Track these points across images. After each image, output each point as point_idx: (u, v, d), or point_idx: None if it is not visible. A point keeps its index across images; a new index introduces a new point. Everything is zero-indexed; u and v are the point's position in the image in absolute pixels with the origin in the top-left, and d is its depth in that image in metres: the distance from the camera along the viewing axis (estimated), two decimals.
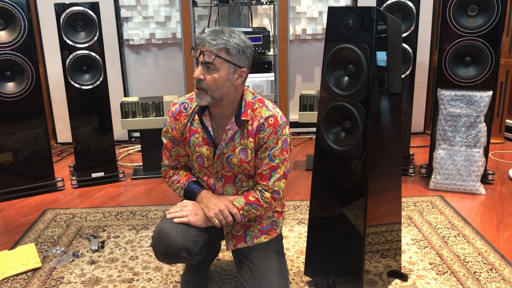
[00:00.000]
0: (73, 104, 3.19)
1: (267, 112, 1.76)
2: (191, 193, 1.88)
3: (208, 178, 1.88)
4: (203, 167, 1.86)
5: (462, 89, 2.94)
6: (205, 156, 1.83)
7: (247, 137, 1.77)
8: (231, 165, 1.81)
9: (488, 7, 2.85)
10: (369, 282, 1.91)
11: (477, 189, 2.98)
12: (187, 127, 1.84)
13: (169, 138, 1.89)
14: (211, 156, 1.82)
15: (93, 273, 2.22)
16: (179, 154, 1.92)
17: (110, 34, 3.96)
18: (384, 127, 1.85)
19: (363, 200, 1.79)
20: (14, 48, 2.91)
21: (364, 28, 1.70)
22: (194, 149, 1.84)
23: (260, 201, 1.79)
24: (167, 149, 1.93)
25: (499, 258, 2.24)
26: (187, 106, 1.84)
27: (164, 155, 1.96)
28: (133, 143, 4.28)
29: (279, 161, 1.77)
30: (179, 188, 1.91)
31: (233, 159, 1.80)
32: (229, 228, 1.89)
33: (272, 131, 1.75)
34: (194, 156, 1.86)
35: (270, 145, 1.75)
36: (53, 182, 3.21)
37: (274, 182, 1.79)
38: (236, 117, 1.77)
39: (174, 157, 1.93)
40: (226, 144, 1.78)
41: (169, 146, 1.91)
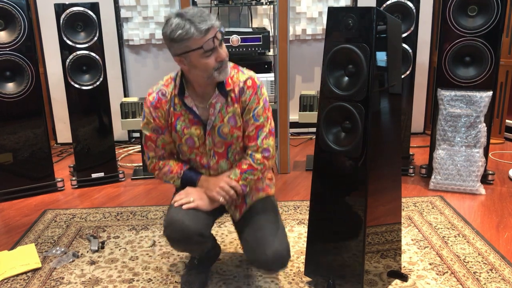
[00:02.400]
0: (73, 104, 3.19)
1: (243, 76, 1.83)
2: (190, 180, 1.91)
3: (200, 158, 1.90)
4: (194, 148, 1.88)
5: (462, 89, 2.94)
6: (195, 136, 1.85)
7: (232, 104, 1.82)
8: (223, 135, 1.84)
9: (488, 7, 2.85)
10: (369, 282, 1.91)
11: (477, 189, 2.98)
12: (171, 112, 1.84)
13: (152, 129, 1.88)
14: (202, 134, 1.85)
15: (93, 274, 2.22)
16: (165, 142, 1.91)
17: (110, 35, 3.96)
18: (384, 127, 1.85)
19: (363, 200, 1.79)
20: (14, 49, 2.92)
21: (364, 28, 1.70)
22: (182, 133, 1.85)
23: (253, 165, 1.85)
24: (151, 141, 1.91)
25: (499, 258, 2.24)
26: (164, 92, 1.85)
27: (148, 148, 1.93)
28: (133, 143, 4.28)
29: (263, 119, 1.84)
30: (174, 178, 1.92)
31: (223, 129, 1.84)
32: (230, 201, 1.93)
33: (252, 92, 1.82)
34: (183, 140, 1.86)
35: (253, 106, 1.83)
36: (53, 182, 3.21)
37: (262, 141, 1.85)
38: (220, 88, 1.80)
39: (160, 146, 1.91)
40: (215, 118, 1.82)
41: (154, 137, 1.89)
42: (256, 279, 2.13)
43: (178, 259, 2.32)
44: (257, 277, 2.15)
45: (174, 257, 2.34)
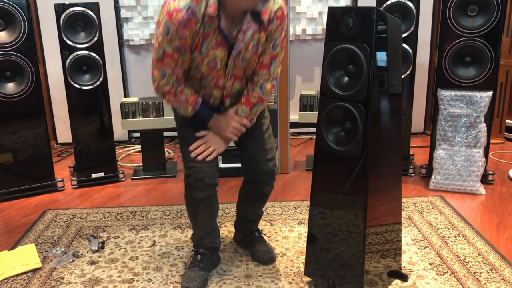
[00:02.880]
0: (73, 104, 3.19)
1: (275, 5, 1.81)
2: (203, 118, 1.95)
3: (217, 79, 1.89)
4: (214, 70, 1.85)
5: (462, 89, 2.94)
6: (219, 59, 1.82)
7: (259, 32, 1.82)
8: (245, 60, 1.86)
9: (488, 7, 2.85)
10: (369, 282, 1.91)
11: (477, 189, 2.98)
12: (200, 33, 1.75)
13: (175, 47, 1.76)
14: (225, 57, 1.83)
15: (93, 274, 2.22)
16: (184, 60, 1.83)
17: (110, 35, 3.96)
18: (384, 127, 1.85)
19: (363, 200, 1.79)
20: (14, 49, 2.92)
21: (364, 28, 1.70)
22: (206, 54, 1.80)
23: (263, 97, 1.94)
24: (171, 59, 1.79)
25: (499, 258, 2.24)
26: (195, 10, 1.70)
27: (165, 65, 1.80)
28: (133, 143, 4.28)
29: (279, 49, 1.87)
30: (188, 109, 1.91)
31: (246, 55, 1.85)
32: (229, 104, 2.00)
33: (280, 22, 1.83)
34: (205, 61, 1.82)
35: (276, 36, 1.84)
36: (53, 182, 3.21)
37: (274, 69, 1.91)
38: (255, 16, 1.78)
39: (180, 64, 1.82)
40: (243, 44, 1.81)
41: (176, 56, 1.79)
42: (256, 279, 2.13)
43: (178, 259, 2.32)
44: (257, 277, 2.15)
45: (174, 257, 2.34)
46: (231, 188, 3.19)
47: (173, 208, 2.91)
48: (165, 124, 3.36)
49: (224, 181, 3.31)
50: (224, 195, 3.07)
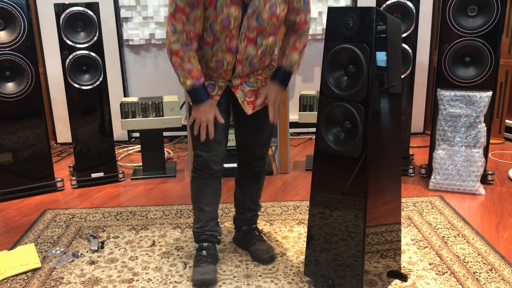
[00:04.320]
0: (73, 104, 3.19)
1: None
2: (199, 96, 1.95)
3: (230, 40, 1.88)
4: (227, 29, 1.85)
5: (461, 89, 2.94)
6: (232, 17, 1.82)
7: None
8: (260, 21, 1.85)
9: (488, 8, 2.86)
10: (369, 283, 1.91)
11: (476, 190, 2.99)
12: None
13: (187, 1, 1.76)
14: (239, 16, 1.82)
15: (92, 274, 2.22)
16: (197, 17, 1.82)
17: (110, 34, 3.97)
18: (384, 127, 1.85)
19: (363, 201, 1.79)
20: (14, 48, 2.92)
21: (364, 28, 1.70)
22: (221, 11, 1.80)
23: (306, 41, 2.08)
24: (183, 13, 1.79)
25: (499, 259, 2.24)
26: None
27: (177, 20, 1.81)
28: (133, 143, 4.29)
29: (308, 4, 1.98)
30: (189, 81, 1.92)
31: (263, 15, 1.84)
32: (241, 95, 2.04)
33: None
34: (219, 19, 1.82)
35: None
36: (53, 182, 3.21)
37: (309, 22, 2.03)
38: None
39: (192, 21, 1.82)
40: (258, 2, 1.81)
41: (188, 10, 1.78)
42: (256, 279, 2.13)
43: (177, 259, 2.32)
44: (257, 277, 2.15)
45: (174, 257, 2.34)
46: (231, 188, 3.19)
47: (173, 208, 2.91)
48: (165, 124, 3.36)
49: (224, 181, 3.31)
50: (224, 195, 3.07)
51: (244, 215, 2.37)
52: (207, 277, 2.06)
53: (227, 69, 1.98)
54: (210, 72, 2.02)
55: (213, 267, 2.13)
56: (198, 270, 2.10)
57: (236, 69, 1.98)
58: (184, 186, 3.27)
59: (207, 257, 2.16)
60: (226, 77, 2.02)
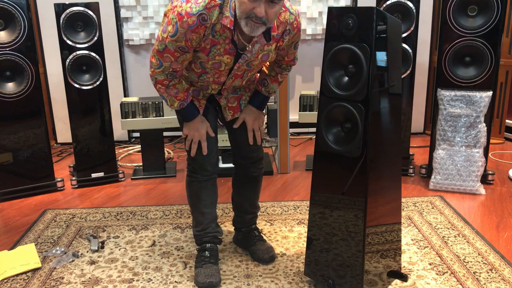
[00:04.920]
0: (73, 104, 3.19)
1: (291, 16, 1.89)
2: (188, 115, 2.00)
3: (219, 76, 1.94)
4: (217, 70, 1.91)
5: (462, 89, 2.94)
6: (224, 63, 1.88)
7: (271, 44, 1.90)
8: (251, 65, 1.94)
9: (488, 8, 2.85)
10: (369, 282, 1.91)
11: (477, 189, 2.98)
12: (208, 39, 1.80)
13: (179, 47, 1.80)
14: (231, 63, 1.89)
15: (93, 273, 2.22)
16: (185, 59, 1.86)
17: (110, 34, 3.97)
18: (384, 127, 1.85)
19: (363, 201, 1.79)
20: (14, 48, 2.92)
21: (364, 28, 1.70)
22: (213, 58, 1.85)
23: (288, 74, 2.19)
24: (172, 55, 1.82)
25: (499, 258, 2.24)
26: (205, 17, 1.74)
27: (164, 59, 1.84)
28: (133, 143, 4.29)
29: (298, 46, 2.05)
30: (176, 103, 1.95)
31: (254, 63, 1.92)
32: (224, 102, 2.08)
33: (297, 31, 1.94)
34: (210, 63, 1.88)
35: (296, 40, 1.98)
36: (53, 182, 3.21)
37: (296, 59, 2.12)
38: (266, 32, 1.83)
39: (180, 61, 1.85)
40: (251, 55, 1.87)
41: (177, 54, 1.82)
42: (256, 279, 2.13)
43: (178, 259, 2.32)
44: (257, 277, 2.15)
45: (174, 257, 2.34)
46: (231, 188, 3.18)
47: (173, 208, 2.91)
48: (165, 124, 3.36)
49: (224, 181, 3.31)
50: (224, 195, 3.07)
51: (243, 217, 2.37)
52: (213, 280, 2.06)
53: (211, 92, 2.05)
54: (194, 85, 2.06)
55: (216, 268, 2.13)
56: (202, 272, 2.10)
57: (222, 94, 2.06)
58: (184, 186, 3.26)
59: (209, 258, 2.16)
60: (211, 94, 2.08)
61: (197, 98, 2.05)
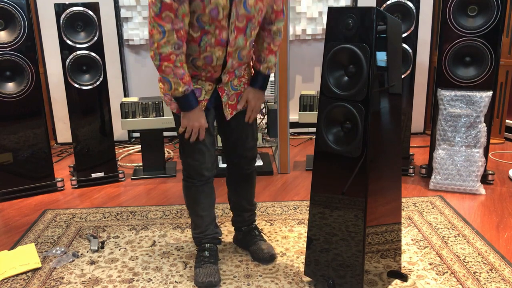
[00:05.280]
0: (73, 104, 3.19)
1: None
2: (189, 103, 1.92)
3: (220, 31, 1.84)
4: (216, 20, 1.81)
5: (462, 89, 2.94)
6: (220, 7, 1.79)
7: None
8: (248, 8, 1.84)
9: (488, 8, 2.85)
10: (369, 282, 1.91)
11: (477, 189, 2.98)
12: None
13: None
14: (227, 5, 1.80)
15: (93, 274, 2.22)
16: (185, 12, 1.76)
17: (110, 34, 3.97)
18: (384, 127, 1.85)
19: (363, 201, 1.79)
20: (14, 48, 2.92)
21: (364, 28, 1.70)
22: (208, 2, 1.76)
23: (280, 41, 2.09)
24: (170, 10, 1.73)
25: (499, 258, 2.24)
26: None
27: (164, 19, 1.74)
28: (133, 143, 4.29)
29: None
30: (181, 87, 1.86)
31: (249, 1, 1.83)
32: (226, 99, 2.05)
33: None
34: (207, 10, 1.78)
35: None
36: (53, 182, 3.22)
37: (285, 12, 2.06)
38: None
39: (181, 17, 1.76)
40: None
41: (175, 6, 1.73)
42: (256, 279, 2.13)
43: (178, 259, 2.33)
44: (257, 277, 2.15)
45: (174, 257, 2.34)
46: None
47: (173, 208, 2.91)
48: (165, 124, 3.36)
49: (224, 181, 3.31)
50: (224, 195, 3.07)
51: (242, 216, 2.37)
52: (212, 279, 2.06)
53: (217, 64, 1.93)
54: (197, 72, 1.97)
55: (216, 267, 2.14)
56: (202, 272, 2.10)
57: (227, 63, 1.95)
58: None
59: (209, 257, 2.16)
60: (214, 75, 1.98)
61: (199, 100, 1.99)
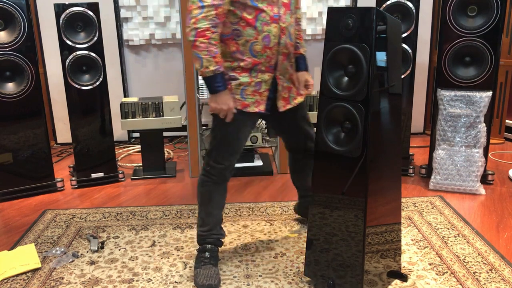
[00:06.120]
0: (73, 104, 3.19)
1: None
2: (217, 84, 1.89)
3: (272, 7, 1.93)
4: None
5: (461, 90, 2.94)
6: None
7: None
8: None
9: (488, 8, 2.85)
10: (369, 283, 1.91)
11: (476, 190, 2.98)
12: None
13: None
14: None
15: (92, 274, 2.22)
16: None
17: (110, 35, 3.97)
18: (384, 127, 1.85)
19: (363, 201, 1.79)
20: (14, 49, 2.92)
21: (364, 28, 1.70)
22: None
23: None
24: None
25: (499, 259, 2.24)
26: None
27: None
28: (133, 143, 4.28)
29: None
30: (212, 65, 1.85)
31: None
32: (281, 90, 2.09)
33: None
34: None
35: None
36: (53, 182, 3.21)
37: None
38: None
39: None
40: None
41: None
42: (256, 279, 2.13)
43: (177, 259, 2.32)
44: (257, 277, 2.15)
45: (174, 257, 2.34)
46: (231, 188, 3.19)
47: (173, 208, 2.91)
48: (165, 124, 3.36)
49: None
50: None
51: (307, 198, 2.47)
52: (212, 282, 2.06)
53: (274, 45, 1.96)
54: (257, 60, 1.96)
55: (216, 269, 2.13)
56: (202, 273, 2.10)
57: (281, 40, 1.97)
58: (184, 186, 3.27)
59: (210, 259, 2.15)
60: (272, 59, 1.99)
61: (259, 92, 2.01)
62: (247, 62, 1.95)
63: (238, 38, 1.92)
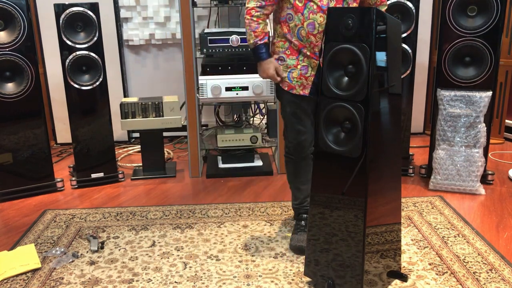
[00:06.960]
0: (72, 104, 3.19)
1: None
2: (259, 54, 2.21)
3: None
4: None
5: (461, 90, 2.94)
6: None
7: None
8: None
9: (488, 8, 2.85)
10: (368, 283, 1.91)
11: (476, 190, 2.98)
12: None
13: None
14: None
15: (92, 274, 2.22)
16: None
17: (110, 35, 3.96)
18: (383, 127, 1.86)
19: (363, 201, 1.79)
20: (14, 49, 2.92)
21: (364, 28, 1.70)
22: None
23: None
24: None
25: (499, 259, 2.24)
26: None
27: None
28: (133, 143, 4.28)
29: None
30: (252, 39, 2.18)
31: None
32: None
33: None
34: None
35: None
36: (53, 182, 3.21)
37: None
38: None
39: None
40: None
41: None
42: (256, 279, 2.13)
43: (177, 259, 2.32)
44: (257, 277, 2.15)
45: (174, 257, 2.34)
46: (231, 188, 3.19)
47: (173, 208, 2.91)
48: (164, 124, 3.36)
49: (224, 181, 3.32)
50: (224, 195, 3.07)
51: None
52: (303, 244, 2.26)
53: (318, 32, 2.11)
54: (302, 44, 2.16)
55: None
56: (297, 238, 2.35)
57: None
58: (184, 187, 3.27)
59: (305, 226, 2.38)
60: (316, 45, 2.14)
61: (305, 76, 2.19)
62: (295, 44, 2.17)
63: (290, 21, 2.16)
